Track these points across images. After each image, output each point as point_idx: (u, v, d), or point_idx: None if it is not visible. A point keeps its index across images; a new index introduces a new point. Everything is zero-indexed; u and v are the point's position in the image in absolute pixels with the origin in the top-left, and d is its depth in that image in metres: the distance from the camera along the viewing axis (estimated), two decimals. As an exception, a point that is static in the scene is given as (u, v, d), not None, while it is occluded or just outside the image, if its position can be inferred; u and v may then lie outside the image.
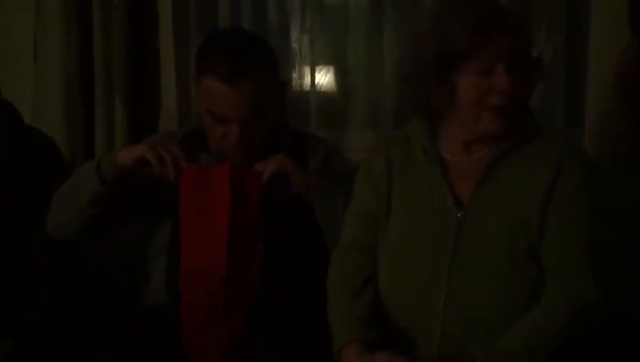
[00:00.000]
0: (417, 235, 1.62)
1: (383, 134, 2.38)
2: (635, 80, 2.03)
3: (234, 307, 1.69)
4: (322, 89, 2.56)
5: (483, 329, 1.53)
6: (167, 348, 1.69)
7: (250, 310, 1.71)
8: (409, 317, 1.61)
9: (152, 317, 1.80)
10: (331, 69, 2.58)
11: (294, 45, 2.55)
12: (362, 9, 2.48)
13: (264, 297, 1.73)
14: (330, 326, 1.65)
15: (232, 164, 1.71)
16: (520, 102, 1.59)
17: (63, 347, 1.94)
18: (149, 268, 1.90)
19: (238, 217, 1.68)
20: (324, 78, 2.57)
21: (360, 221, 1.71)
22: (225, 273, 1.66)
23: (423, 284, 1.59)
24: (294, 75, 2.54)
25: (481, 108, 1.56)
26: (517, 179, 1.58)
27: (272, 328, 1.72)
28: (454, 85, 1.55)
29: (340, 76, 2.58)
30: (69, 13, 2.43)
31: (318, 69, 2.54)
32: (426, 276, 1.59)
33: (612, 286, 1.55)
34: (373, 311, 1.63)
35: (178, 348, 1.69)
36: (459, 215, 1.59)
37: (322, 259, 1.76)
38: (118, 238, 1.96)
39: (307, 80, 2.55)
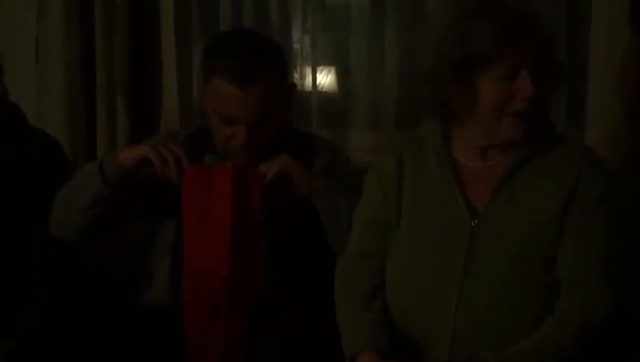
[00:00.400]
0: (428, 242, 1.60)
1: (396, 135, 2.36)
2: (637, 80, 2.03)
3: (236, 307, 1.68)
4: (324, 89, 2.56)
5: (494, 337, 1.51)
6: (169, 348, 1.69)
7: (252, 310, 1.70)
8: (418, 323, 1.59)
9: (155, 317, 1.79)
10: (332, 69, 2.58)
11: (296, 45, 2.55)
12: (364, 9, 2.48)
13: (266, 297, 1.72)
14: (340, 333, 1.63)
15: (234, 164, 1.71)
16: (540, 107, 1.54)
17: (65, 347, 1.94)
18: (152, 268, 1.90)
19: (240, 218, 1.67)
20: (325, 78, 2.57)
21: (368, 228, 1.68)
22: (227, 273, 1.66)
23: (434, 291, 1.57)
24: (296, 76, 2.54)
25: (502, 113, 1.52)
26: (534, 188, 1.55)
27: (275, 328, 1.72)
28: (475, 88, 1.51)
29: (342, 76, 2.58)
30: (70, 13, 2.44)
31: (319, 69, 2.54)
32: (437, 283, 1.57)
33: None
34: (385, 318, 1.62)
35: (181, 348, 1.69)
36: (473, 223, 1.56)
37: (325, 259, 1.76)
38: (121, 238, 1.96)
39: (308, 80, 2.55)
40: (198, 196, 1.69)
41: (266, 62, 1.75)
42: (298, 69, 2.54)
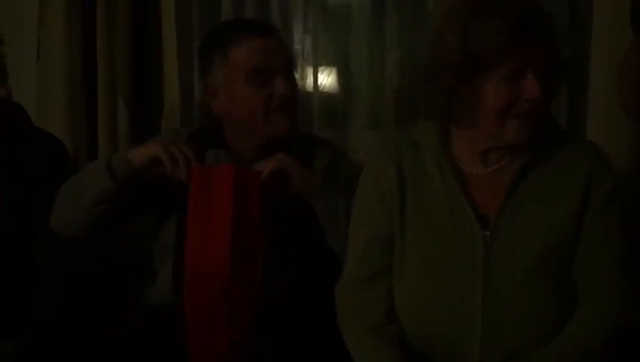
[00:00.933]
0: (440, 261, 1.51)
1: (386, 139, 2.32)
2: (638, 81, 2.03)
3: (237, 307, 1.68)
4: (325, 90, 2.57)
5: (523, 346, 1.47)
6: (172, 348, 1.68)
7: (254, 310, 1.70)
8: (441, 343, 1.52)
9: (158, 317, 1.79)
10: (334, 69, 2.58)
11: (297, 46, 2.56)
12: (365, 10, 2.48)
13: (267, 298, 1.72)
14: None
15: (234, 166, 1.71)
16: (544, 108, 1.48)
17: (67, 347, 1.94)
18: (155, 266, 1.90)
19: (240, 218, 1.67)
20: (326, 78, 2.57)
21: (372, 244, 1.58)
22: (228, 274, 1.66)
23: (456, 306, 1.50)
24: (297, 76, 2.54)
25: (506, 115, 1.43)
26: (544, 191, 1.49)
27: (277, 328, 1.72)
28: (478, 89, 1.43)
29: (343, 77, 2.58)
30: (72, 12, 2.44)
31: (320, 69, 2.55)
32: (457, 298, 1.49)
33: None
34: (402, 342, 1.54)
35: (182, 348, 1.69)
36: (485, 234, 1.49)
37: (326, 259, 1.75)
38: (124, 237, 1.96)
39: (310, 81, 2.55)
40: (200, 196, 1.69)
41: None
42: (299, 69, 2.54)
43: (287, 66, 1.85)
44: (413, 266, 1.55)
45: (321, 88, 2.55)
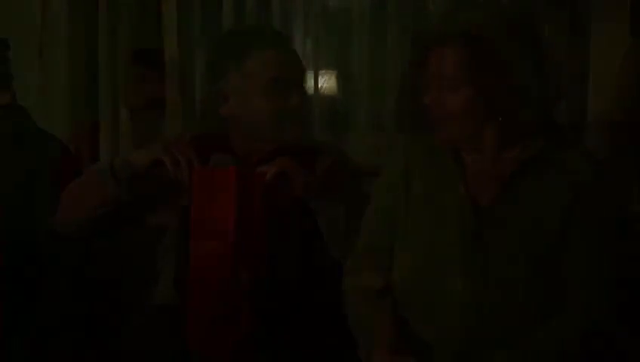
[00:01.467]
0: (434, 243, 1.58)
1: (398, 137, 2.39)
2: (637, 81, 2.04)
3: (240, 308, 1.69)
4: (325, 93, 2.57)
5: (501, 336, 1.51)
6: (174, 349, 1.69)
7: (255, 311, 1.70)
8: (425, 324, 1.57)
9: (160, 317, 1.80)
10: (334, 73, 2.59)
11: (297, 49, 2.55)
12: (365, 12, 2.48)
13: (269, 298, 1.72)
14: (352, 329, 1.62)
15: (237, 167, 1.72)
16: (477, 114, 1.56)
17: (68, 347, 1.94)
18: (158, 267, 1.90)
19: (243, 220, 1.68)
20: (327, 82, 2.58)
21: (378, 223, 1.67)
22: (231, 275, 1.67)
23: (441, 291, 1.55)
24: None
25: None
26: (538, 191, 1.55)
27: (278, 329, 1.72)
28: None
29: (343, 80, 2.59)
30: (74, 13, 2.45)
31: (321, 72, 2.55)
32: (443, 282, 1.55)
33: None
34: (396, 314, 1.60)
35: (185, 348, 1.69)
36: (475, 222, 1.56)
37: (327, 259, 1.76)
38: (128, 238, 1.96)
39: (310, 84, 2.55)
40: (202, 197, 1.70)
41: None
42: (300, 72, 2.55)
43: (302, 78, 1.88)
44: (410, 247, 1.61)
45: (321, 91, 2.55)
